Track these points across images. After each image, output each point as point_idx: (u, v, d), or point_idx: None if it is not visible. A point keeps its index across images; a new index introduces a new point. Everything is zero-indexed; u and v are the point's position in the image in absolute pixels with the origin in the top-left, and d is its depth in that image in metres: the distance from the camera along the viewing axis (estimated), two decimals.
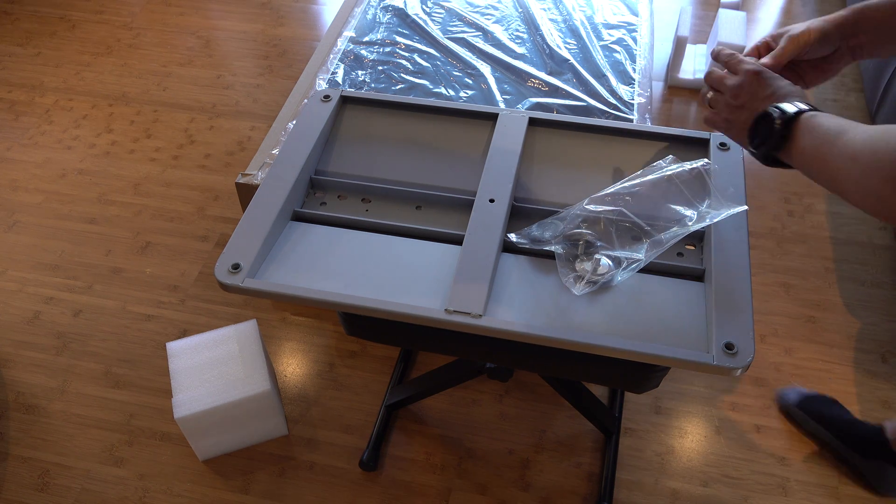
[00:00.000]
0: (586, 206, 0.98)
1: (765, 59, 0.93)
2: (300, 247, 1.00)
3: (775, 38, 0.95)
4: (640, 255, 0.94)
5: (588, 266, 0.94)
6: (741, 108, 0.87)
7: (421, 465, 1.40)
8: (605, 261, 0.94)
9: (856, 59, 0.94)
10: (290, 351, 1.58)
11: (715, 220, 0.95)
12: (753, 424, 1.45)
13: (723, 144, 1.08)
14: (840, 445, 1.38)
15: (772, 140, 0.81)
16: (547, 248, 0.97)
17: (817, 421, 1.41)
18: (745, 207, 0.97)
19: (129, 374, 1.54)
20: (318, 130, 1.12)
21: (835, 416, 1.40)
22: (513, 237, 0.98)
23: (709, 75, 0.93)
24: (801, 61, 0.95)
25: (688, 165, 1.01)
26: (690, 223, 0.96)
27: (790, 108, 0.80)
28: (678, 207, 0.98)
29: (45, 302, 1.67)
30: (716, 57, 0.93)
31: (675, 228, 0.96)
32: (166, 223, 1.84)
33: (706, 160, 1.02)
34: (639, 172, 1.03)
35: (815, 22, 0.92)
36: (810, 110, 0.80)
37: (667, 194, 1.00)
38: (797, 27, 0.93)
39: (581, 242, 0.96)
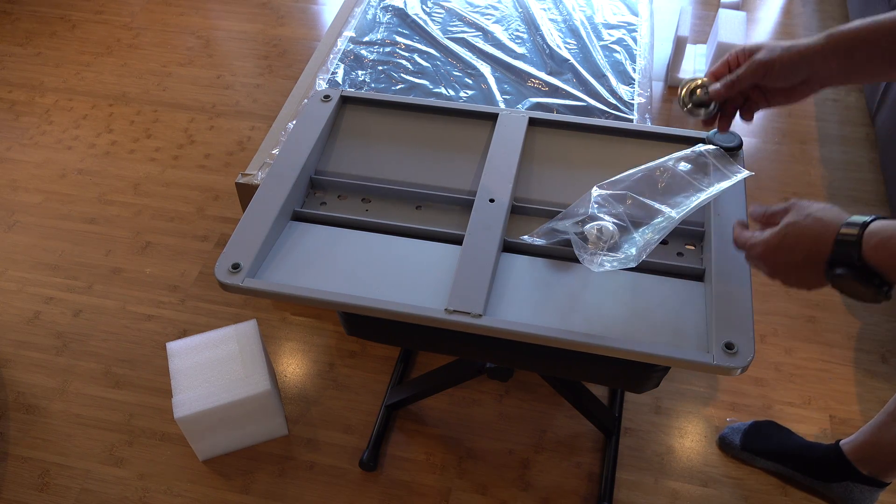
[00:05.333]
0: (595, 193, 0.98)
1: (716, 85, 0.90)
2: (300, 247, 1.00)
3: (742, 56, 0.90)
4: (673, 212, 0.94)
5: (592, 229, 0.94)
6: (806, 258, 0.75)
7: (421, 465, 1.40)
8: (609, 226, 0.94)
9: (825, 87, 0.89)
10: (290, 351, 1.58)
11: (725, 187, 0.96)
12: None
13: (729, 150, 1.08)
14: (800, 476, 1.33)
15: (852, 255, 0.71)
16: (564, 237, 0.96)
17: (767, 458, 1.35)
18: (751, 173, 0.98)
19: (129, 374, 1.54)
20: (318, 130, 1.12)
21: (784, 446, 1.34)
22: (526, 238, 0.98)
23: (740, 241, 0.84)
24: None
25: (688, 151, 1.02)
26: (705, 186, 0.96)
27: (859, 219, 0.72)
28: (687, 185, 0.99)
29: (45, 302, 1.67)
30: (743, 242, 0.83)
31: (689, 199, 0.96)
32: (166, 223, 1.84)
33: (703, 145, 1.03)
34: (643, 166, 1.02)
35: (783, 51, 0.86)
36: (872, 219, 0.72)
37: (674, 178, 1.00)
38: (764, 52, 0.87)
39: (599, 230, 0.96)
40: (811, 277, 0.76)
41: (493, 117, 1.15)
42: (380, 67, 1.76)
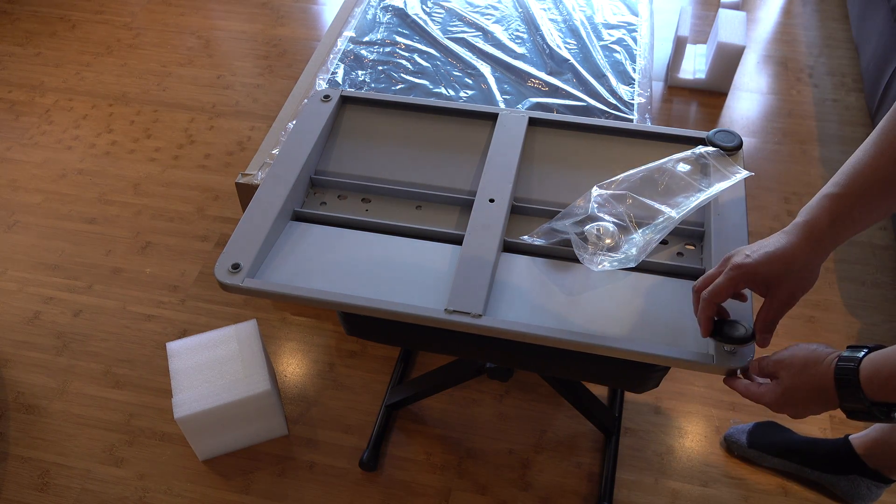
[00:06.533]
0: (595, 193, 0.98)
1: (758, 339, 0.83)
2: (300, 247, 1.00)
3: (743, 277, 0.81)
4: (673, 212, 0.94)
5: (593, 229, 0.94)
6: (818, 404, 0.80)
7: (421, 465, 1.40)
8: (609, 227, 0.95)
9: None
10: (290, 351, 1.58)
11: (725, 187, 0.96)
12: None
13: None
14: (807, 471, 1.33)
15: (850, 390, 0.76)
16: (564, 237, 0.96)
17: (775, 454, 1.35)
18: (751, 173, 0.99)
19: (129, 374, 1.54)
20: (318, 130, 1.12)
21: (791, 442, 1.35)
22: (526, 238, 0.98)
23: (748, 395, 0.83)
24: None
25: (687, 152, 1.03)
26: (704, 186, 0.97)
27: (854, 355, 0.79)
28: (687, 185, 0.99)
29: (45, 302, 1.67)
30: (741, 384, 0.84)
31: (688, 199, 0.97)
32: (166, 223, 1.84)
33: (703, 146, 1.03)
34: (644, 166, 1.03)
35: (799, 269, 0.80)
36: (866, 352, 0.78)
37: (674, 178, 1.00)
38: (783, 287, 0.81)
39: (599, 230, 0.96)
40: (827, 408, 0.80)
41: (493, 117, 1.15)
42: (380, 67, 1.76)
